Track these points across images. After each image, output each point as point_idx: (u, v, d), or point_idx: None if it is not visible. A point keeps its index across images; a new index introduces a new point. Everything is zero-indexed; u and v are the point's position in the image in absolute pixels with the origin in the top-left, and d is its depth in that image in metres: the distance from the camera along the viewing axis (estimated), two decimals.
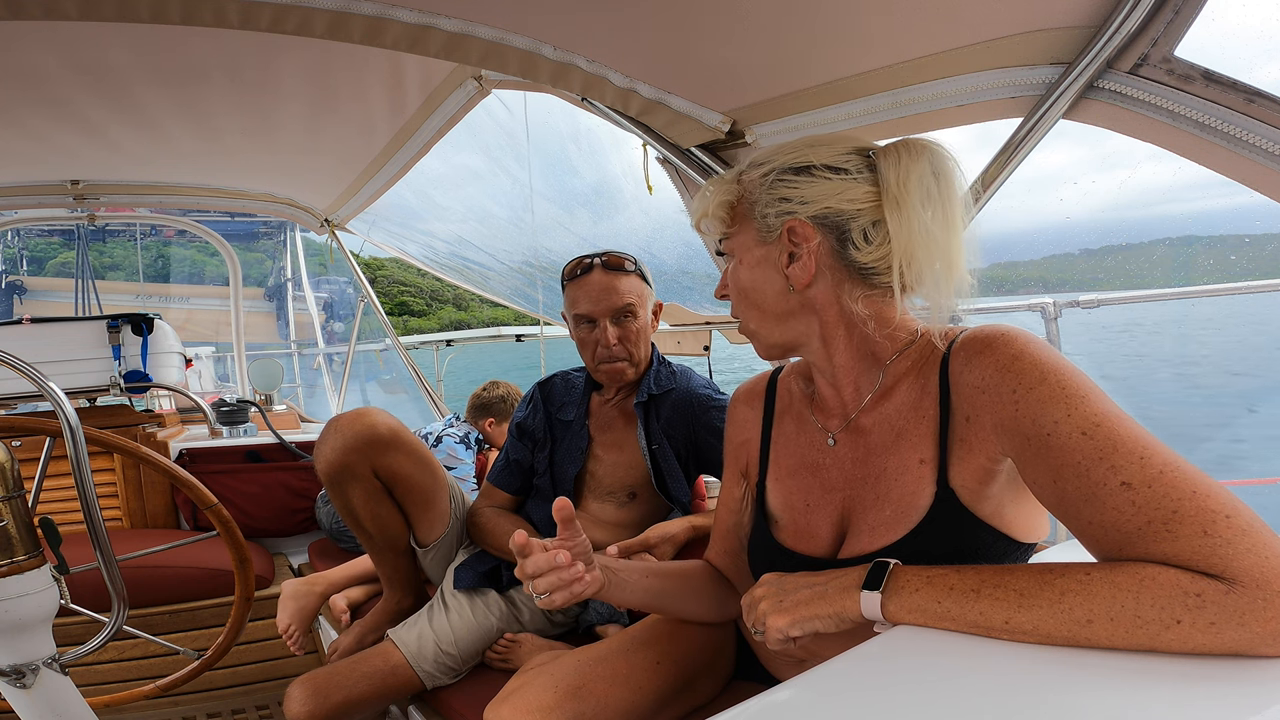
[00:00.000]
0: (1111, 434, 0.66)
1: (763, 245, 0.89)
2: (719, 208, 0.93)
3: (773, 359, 0.97)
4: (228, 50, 1.59)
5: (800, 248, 0.86)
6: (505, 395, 2.58)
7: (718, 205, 0.93)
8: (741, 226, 0.91)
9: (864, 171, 0.84)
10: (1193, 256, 6.57)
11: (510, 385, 2.63)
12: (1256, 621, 0.55)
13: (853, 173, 0.84)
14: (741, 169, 0.93)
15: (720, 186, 0.93)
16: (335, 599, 1.85)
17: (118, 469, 2.50)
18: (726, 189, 0.92)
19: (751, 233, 0.90)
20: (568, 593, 0.89)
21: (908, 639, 0.68)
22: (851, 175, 0.84)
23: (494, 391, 2.59)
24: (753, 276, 0.91)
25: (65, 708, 1.12)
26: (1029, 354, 0.74)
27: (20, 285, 14.60)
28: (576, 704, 0.94)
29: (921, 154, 0.81)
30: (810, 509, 0.94)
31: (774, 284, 0.89)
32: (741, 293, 0.93)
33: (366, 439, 1.48)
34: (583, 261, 1.52)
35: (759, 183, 0.89)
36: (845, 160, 0.85)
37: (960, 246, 0.82)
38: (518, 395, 2.61)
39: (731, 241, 0.93)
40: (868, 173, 0.84)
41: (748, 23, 1.13)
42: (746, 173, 0.92)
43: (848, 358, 0.90)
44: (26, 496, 1.07)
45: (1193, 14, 0.85)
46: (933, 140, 0.83)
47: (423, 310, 35.78)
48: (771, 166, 0.88)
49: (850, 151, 0.86)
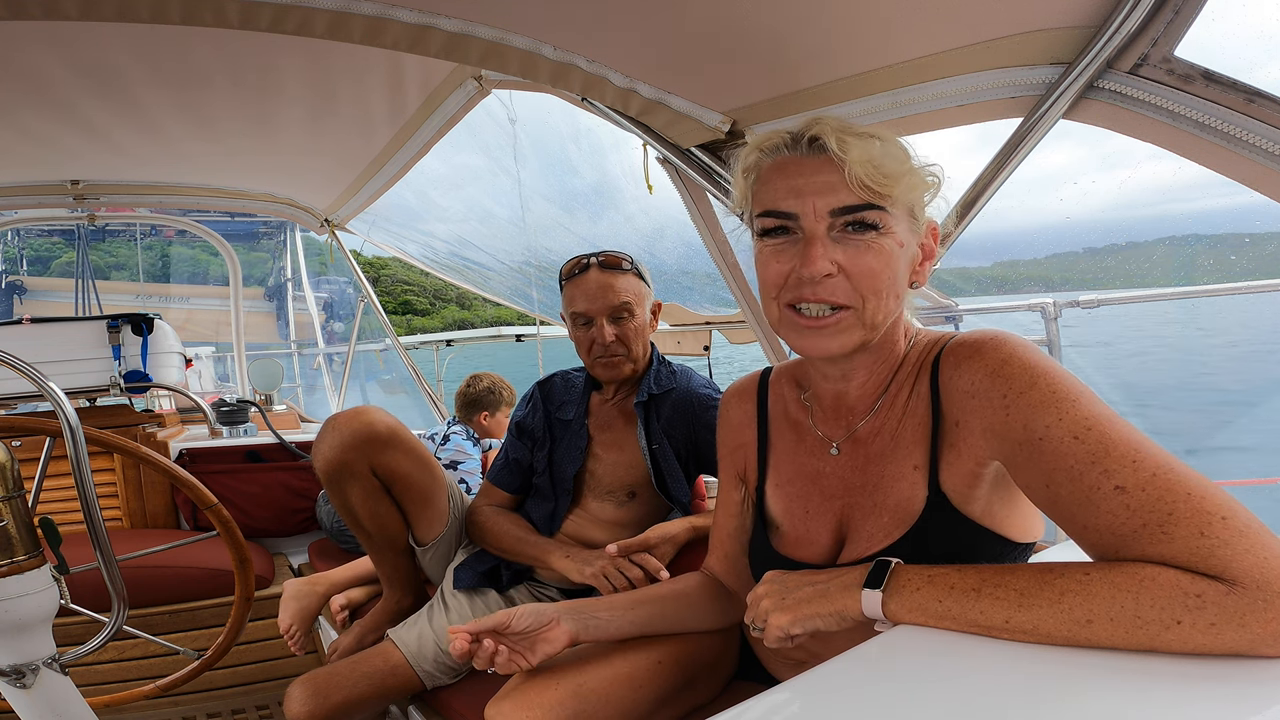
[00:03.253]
0: (1104, 437, 0.66)
1: (913, 234, 0.84)
2: (878, 173, 0.78)
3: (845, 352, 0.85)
4: (228, 50, 1.58)
5: (930, 251, 0.86)
6: (491, 386, 2.57)
7: (877, 169, 0.78)
8: (897, 208, 0.81)
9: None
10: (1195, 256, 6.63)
11: (493, 375, 2.61)
12: (1257, 622, 0.55)
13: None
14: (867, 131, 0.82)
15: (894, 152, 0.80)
16: (334, 599, 1.85)
17: (118, 469, 2.50)
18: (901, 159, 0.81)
19: (905, 217, 0.83)
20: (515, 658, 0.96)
21: (907, 639, 0.68)
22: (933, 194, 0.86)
23: (478, 385, 2.58)
24: (896, 262, 0.82)
25: (65, 708, 1.11)
26: (1018, 358, 0.73)
27: (20, 285, 14.59)
28: (577, 703, 0.94)
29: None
30: (810, 516, 0.94)
31: (905, 276, 0.84)
32: (871, 274, 0.80)
33: (365, 437, 1.48)
34: (580, 261, 1.53)
35: (914, 170, 0.82)
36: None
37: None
38: (503, 384, 2.60)
39: (890, 216, 0.80)
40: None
41: (748, 23, 1.13)
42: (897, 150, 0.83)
43: (881, 364, 0.89)
44: (26, 496, 1.07)
45: (1193, 14, 0.85)
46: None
47: (426, 309, 35.78)
48: (915, 162, 0.83)
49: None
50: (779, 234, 0.82)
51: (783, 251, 0.82)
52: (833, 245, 0.79)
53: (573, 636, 0.97)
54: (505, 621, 0.95)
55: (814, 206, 0.79)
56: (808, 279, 0.79)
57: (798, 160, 0.81)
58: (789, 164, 0.81)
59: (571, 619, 0.98)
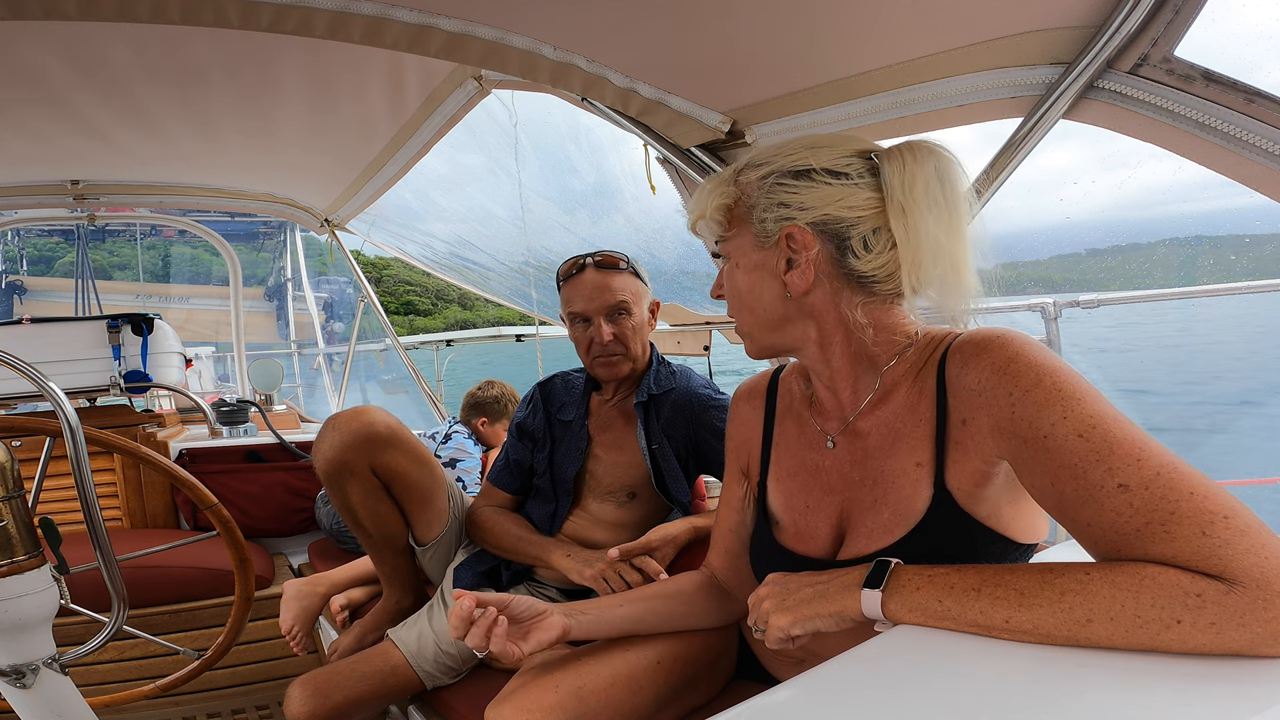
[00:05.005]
0: (1108, 435, 0.66)
1: (760, 250, 0.87)
2: (716, 211, 0.90)
3: (763, 358, 0.96)
4: (228, 50, 1.58)
5: (799, 255, 0.84)
6: (500, 395, 2.58)
7: (715, 209, 0.90)
8: (739, 230, 0.89)
9: (865, 176, 0.82)
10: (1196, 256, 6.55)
11: (506, 385, 2.63)
12: (1257, 622, 0.55)
13: (854, 178, 0.82)
14: (739, 168, 0.90)
15: (717, 189, 0.91)
16: (334, 599, 1.86)
17: (118, 469, 2.50)
18: (723, 191, 0.90)
19: (749, 237, 0.88)
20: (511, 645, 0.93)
21: (907, 639, 0.68)
22: (853, 180, 0.82)
23: (489, 391, 2.60)
24: (749, 281, 0.89)
25: (65, 708, 1.12)
26: (1025, 356, 0.73)
27: (20, 285, 14.62)
28: (577, 704, 0.94)
29: (927, 158, 0.80)
30: (810, 510, 0.94)
31: (770, 289, 0.88)
32: (737, 296, 0.91)
33: (364, 436, 1.48)
34: (577, 261, 1.53)
35: (757, 185, 0.87)
36: (846, 164, 0.83)
37: (966, 249, 0.81)
38: (513, 395, 2.61)
39: (728, 244, 0.91)
40: (869, 177, 0.82)
41: (748, 23, 1.13)
42: (744, 173, 0.89)
43: (844, 362, 0.89)
44: (26, 496, 1.07)
45: (1193, 14, 0.85)
46: (936, 142, 0.82)
47: (428, 309, 35.77)
48: (770, 169, 0.86)
49: (851, 154, 0.83)
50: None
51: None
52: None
53: (566, 628, 0.96)
54: (505, 600, 0.95)
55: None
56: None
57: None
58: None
59: (563, 613, 0.98)
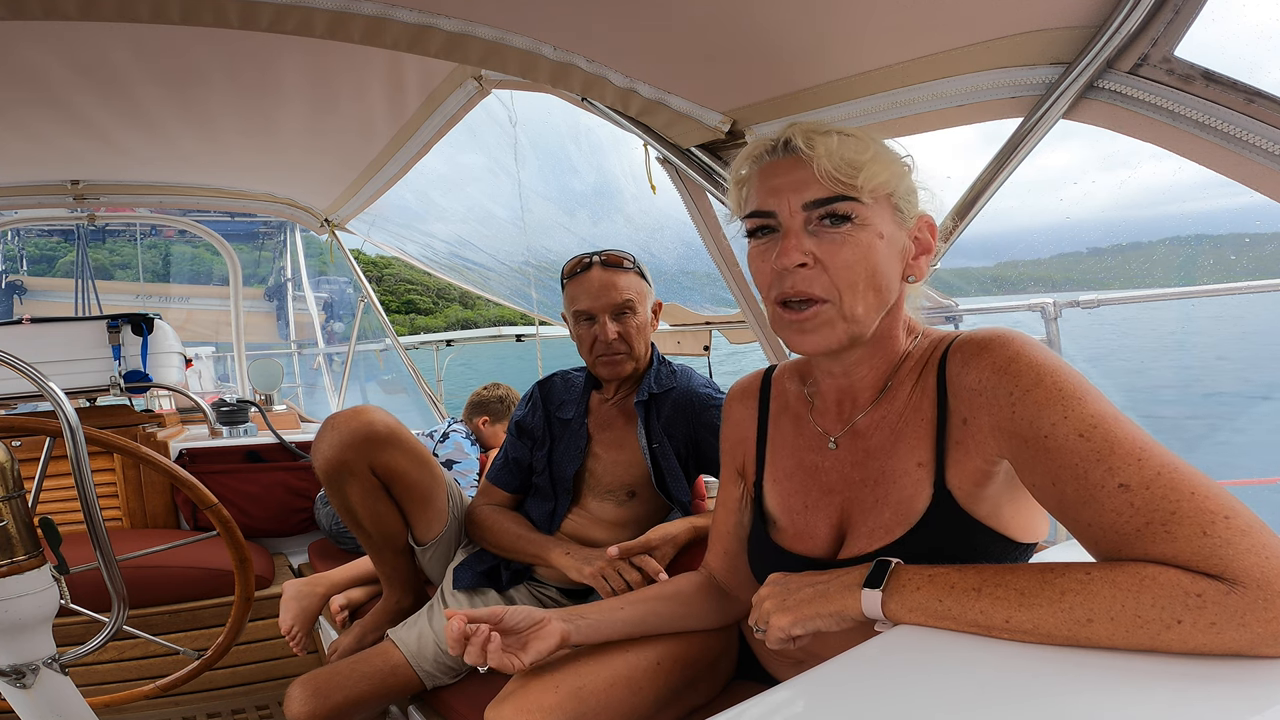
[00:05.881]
0: (1109, 435, 0.66)
1: (899, 227, 0.84)
2: (843, 162, 0.79)
3: (844, 350, 0.86)
4: (228, 50, 1.58)
5: (924, 244, 0.87)
6: (503, 397, 2.60)
7: (842, 159, 0.79)
8: (876, 197, 0.82)
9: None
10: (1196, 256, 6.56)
11: (510, 388, 2.65)
12: (1257, 622, 0.55)
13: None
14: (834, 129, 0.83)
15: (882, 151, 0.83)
16: (334, 599, 1.86)
17: (118, 469, 2.50)
18: (858, 145, 0.81)
19: (888, 209, 0.83)
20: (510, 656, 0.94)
21: (907, 639, 0.68)
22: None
23: (494, 392, 2.61)
24: (886, 254, 0.82)
25: (65, 708, 1.12)
26: (1025, 356, 0.74)
27: (20, 285, 14.61)
28: (577, 704, 0.94)
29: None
30: (809, 510, 0.94)
31: (895, 269, 0.84)
32: (867, 269, 0.81)
33: (364, 436, 1.48)
34: (582, 260, 1.53)
35: (891, 160, 0.83)
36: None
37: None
38: (516, 398, 2.62)
39: (865, 208, 0.80)
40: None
41: (748, 23, 1.13)
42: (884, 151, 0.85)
43: (882, 359, 0.89)
44: (26, 496, 1.07)
45: (1193, 14, 0.85)
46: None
47: (429, 308, 35.76)
48: (897, 155, 0.86)
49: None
50: (763, 233, 0.85)
51: (767, 250, 0.85)
52: (808, 238, 0.81)
53: (565, 634, 0.97)
54: (498, 615, 0.96)
55: (789, 202, 0.81)
56: (781, 270, 0.82)
57: (775, 163, 0.84)
58: (768, 168, 0.85)
59: (562, 619, 0.98)
